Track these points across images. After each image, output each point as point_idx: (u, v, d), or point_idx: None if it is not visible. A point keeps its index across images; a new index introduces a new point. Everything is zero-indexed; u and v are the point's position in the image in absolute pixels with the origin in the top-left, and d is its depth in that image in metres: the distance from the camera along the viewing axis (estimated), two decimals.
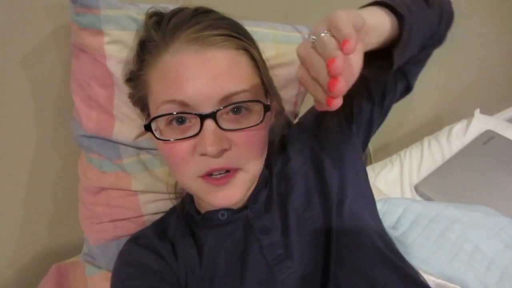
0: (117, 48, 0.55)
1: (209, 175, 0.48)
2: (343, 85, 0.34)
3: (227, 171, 0.48)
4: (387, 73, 0.47)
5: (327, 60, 0.35)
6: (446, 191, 0.84)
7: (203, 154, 0.46)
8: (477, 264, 0.60)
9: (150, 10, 0.53)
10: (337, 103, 0.36)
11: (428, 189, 0.86)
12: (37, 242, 0.78)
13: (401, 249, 0.62)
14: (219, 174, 0.48)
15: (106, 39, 0.53)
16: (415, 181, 0.91)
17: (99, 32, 0.53)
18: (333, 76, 0.34)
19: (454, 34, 1.17)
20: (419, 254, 0.62)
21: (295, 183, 0.57)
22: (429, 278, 0.58)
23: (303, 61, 0.39)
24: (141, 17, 0.55)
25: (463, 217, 0.65)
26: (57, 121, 0.67)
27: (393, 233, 0.67)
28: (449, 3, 0.55)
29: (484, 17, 1.25)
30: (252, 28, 0.55)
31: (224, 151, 0.46)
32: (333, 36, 0.36)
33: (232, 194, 0.49)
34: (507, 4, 1.30)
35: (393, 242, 0.65)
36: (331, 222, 0.52)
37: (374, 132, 0.64)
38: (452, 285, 0.57)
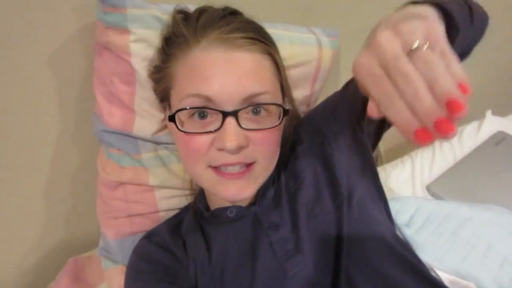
0: (141, 46, 0.56)
1: (220, 168, 0.49)
2: (454, 129, 0.26)
3: (242, 166, 0.49)
4: None
5: (430, 82, 0.27)
6: (458, 191, 0.84)
7: (220, 149, 0.47)
8: (490, 262, 0.60)
9: (177, 7, 0.55)
10: (431, 141, 0.27)
11: (440, 189, 0.86)
12: (55, 236, 0.79)
13: (415, 247, 0.63)
14: (233, 168, 0.49)
15: (131, 37, 0.55)
16: (427, 181, 0.90)
17: (125, 30, 0.54)
18: (449, 117, 0.26)
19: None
20: (433, 252, 0.62)
21: (304, 179, 0.58)
22: (443, 275, 0.59)
23: (384, 60, 0.29)
24: (165, 17, 0.57)
25: (475, 216, 0.66)
26: (78, 118, 0.68)
27: (407, 231, 0.67)
28: (487, 19, 0.52)
29: (496, 18, 1.25)
30: (267, 30, 0.57)
31: (241, 148, 0.48)
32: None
33: (244, 188, 0.50)
34: None
35: (406, 239, 0.66)
36: (341, 217, 0.53)
37: (387, 129, 0.64)
38: (465, 282, 0.58)
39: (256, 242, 0.54)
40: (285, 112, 0.50)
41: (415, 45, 0.28)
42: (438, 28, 0.29)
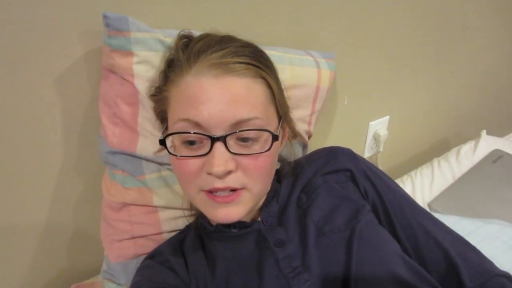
0: (144, 67, 0.58)
1: (212, 192, 0.50)
2: None
3: (232, 190, 0.50)
4: None
5: None
6: (459, 207, 0.84)
7: (209, 173, 0.48)
8: None
9: (182, 33, 0.56)
10: None
11: (441, 206, 0.86)
12: (57, 262, 0.78)
13: None
14: (223, 193, 0.49)
15: (135, 59, 0.57)
16: (428, 199, 0.91)
17: (129, 53, 0.56)
18: None
19: (460, 56, 1.19)
20: None
21: (318, 196, 0.58)
22: None
23: None
24: (168, 40, 0.59)
25: (476, 230, 0.66)
26: (82, 142, 0.69)
27: None
28: None
29: (489, 40, 1.29)
30: (269, 52, 0.58)
31: (229, 173, 0.48)
32: None
33: (233, 212, 0.50)
34: None
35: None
36: (352, 237, 0.52)
37: None
38: None
39: (261, 259, 0.53)
40: (274, 137, 0.50)
41: None
42: None
